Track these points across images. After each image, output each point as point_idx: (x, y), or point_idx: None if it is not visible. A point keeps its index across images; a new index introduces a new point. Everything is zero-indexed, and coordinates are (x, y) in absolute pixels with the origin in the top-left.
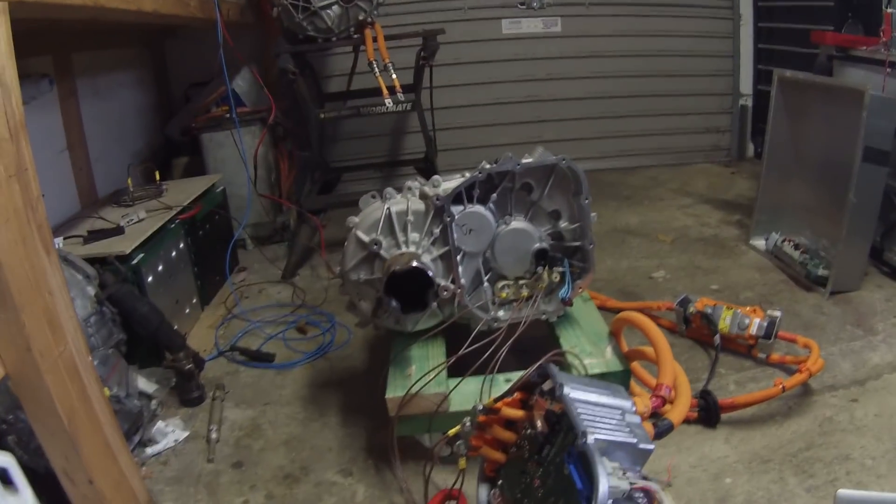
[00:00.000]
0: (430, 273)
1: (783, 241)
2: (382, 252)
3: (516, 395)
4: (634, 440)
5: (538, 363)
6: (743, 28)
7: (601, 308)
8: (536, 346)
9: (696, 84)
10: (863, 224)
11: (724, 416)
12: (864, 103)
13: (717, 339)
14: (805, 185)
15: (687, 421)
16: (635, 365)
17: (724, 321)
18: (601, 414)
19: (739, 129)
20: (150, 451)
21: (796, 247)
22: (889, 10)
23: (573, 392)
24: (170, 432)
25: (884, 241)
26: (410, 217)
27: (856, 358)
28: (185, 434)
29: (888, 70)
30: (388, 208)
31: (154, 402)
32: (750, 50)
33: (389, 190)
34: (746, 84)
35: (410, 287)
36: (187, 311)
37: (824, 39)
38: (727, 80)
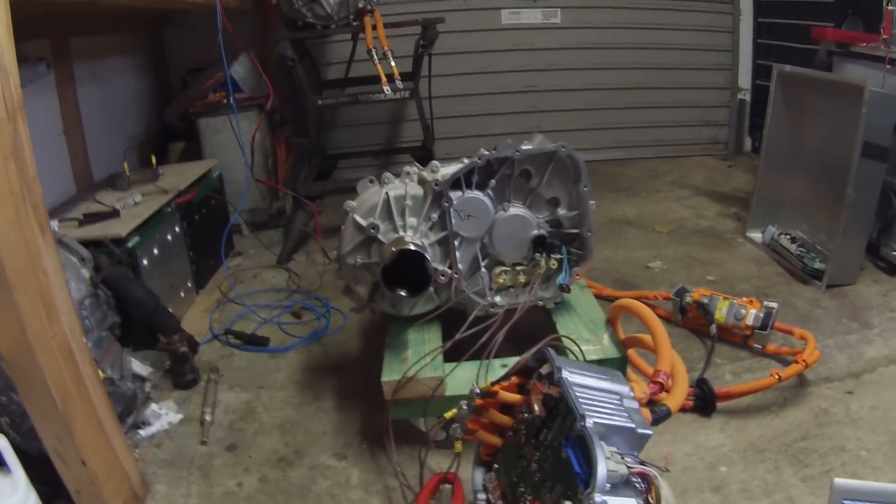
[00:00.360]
0: (428, 256)
1: (780, 234)
2: (380, 236)
3: (513, 379)
4: (633, 425)
5: (536, 347)
6: (742, 23)
7: (598, 297)
8: (533, 333)
9: (694, 77)
10: (860, 219)
11: (719, 405)
12: (864, 99)
13: (713, 328)
14: (803, 180)
15: (682, 409)
16: (632, 353)
17: (721, 311)
18: (599, 398)
19: (737, 123)
20: (143, 433)
21: (793, 240)
22: (890, 8)
23: (571, 376)
24: (163, 415)
25: (881, 237)
26: (409, 202)
27: (851, 351)
28: (179, 417)
29: (888, 66)
30: (387, 193)
31: (148, 384)
32: (749, 45)
33: (387, 174)
34: (745, 79)
35: (407, 271)
36: (182, 294)
37: (824, 35)
38: (726, 75)
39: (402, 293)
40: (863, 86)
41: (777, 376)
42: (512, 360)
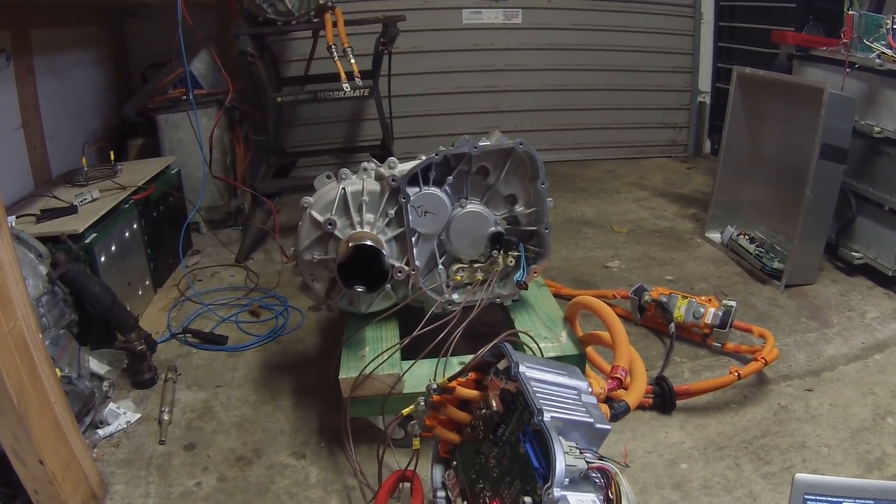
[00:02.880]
0: (385, 252)
1: (738, 234)
2: (337, 232)
3: (470, 375)
4: (591, 420)
5: (493, 342)
6: (704, 26)
7: (556, 296)
8: (490, 330)
9: (655, 79)
10: (819, 220)
11: (679, 403)
12: (823, 101)
13: (672, 327)
14: (761, 182)
15: (642, 407)
16: (590, 351)
17: (680, 310)
18: (557, 393)
19: (697, 125)
20: (101, 432)
21: (751, 240)
22: (850, 13)
23: (528, 371)
24: (121, 414)
25: (839, 238)
26: (366, 197)
27: (811, 350)
28: (137, 416)
29: (848, 70)
30: (344, 188)
31: (106, 383)
32: (710, 48)
33: (345, 170)
34: (705, 82)
35: (364, 267)
36: (140, 292)
37: (785, 39)
38: (686, 77)
39: (359, 289)
40: (822, 88)
41: (737, 374)
42: (469, 358)
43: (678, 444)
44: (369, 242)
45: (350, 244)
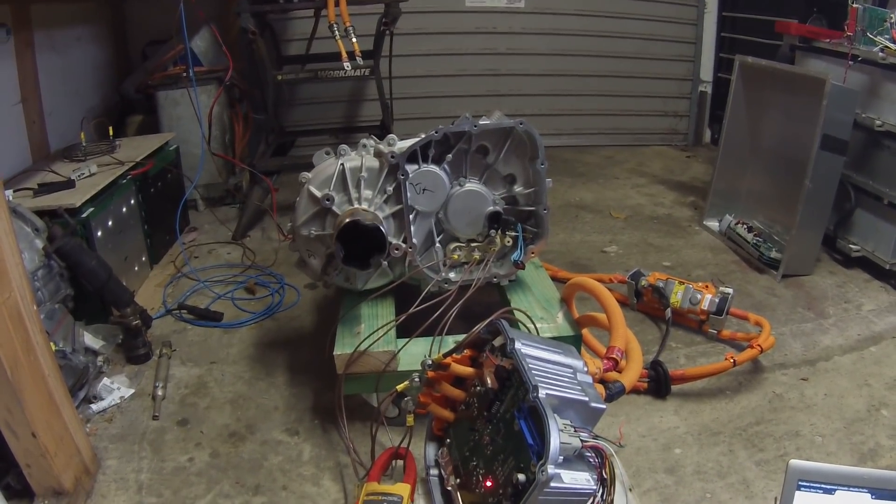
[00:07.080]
0: (383, 228)
1: (736, 223)
2: (334, 208)
3: (466, 352)
4: (586, 398)
5: (489, 319)
6: (707, 16)
7: (552, 278)
8: (486, 311)
9: (656, 67)
10: (817, 210)
11: (673, 388)
12: (825, 91)
13: (668, 312)
14: (761, 171)
15: (636, 391)
16: (587, 334)
17: (676, 296)
18: (553, 371)
19: (697, 114)
20: (94, 407)
21: (749, 229)
22: (855, 6)
23: (524, 348)
24: (115, 389)
25: (837, 230)
26: (364, 174)
27: (806, 339)
28: (131, 391)
29: (850, 63)
30: (342, 164)
31: (100, 358)
32: (713, 37)
33: (344, 147)
34: (707, 71)
35: (361, 244)
36: (136, 268)
37: (789, 29)
38: (688, 66)
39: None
40: (825, 79)
41: (732, 360)
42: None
43: (672, 428)
44: (362, 219)
45: (345, 220)
